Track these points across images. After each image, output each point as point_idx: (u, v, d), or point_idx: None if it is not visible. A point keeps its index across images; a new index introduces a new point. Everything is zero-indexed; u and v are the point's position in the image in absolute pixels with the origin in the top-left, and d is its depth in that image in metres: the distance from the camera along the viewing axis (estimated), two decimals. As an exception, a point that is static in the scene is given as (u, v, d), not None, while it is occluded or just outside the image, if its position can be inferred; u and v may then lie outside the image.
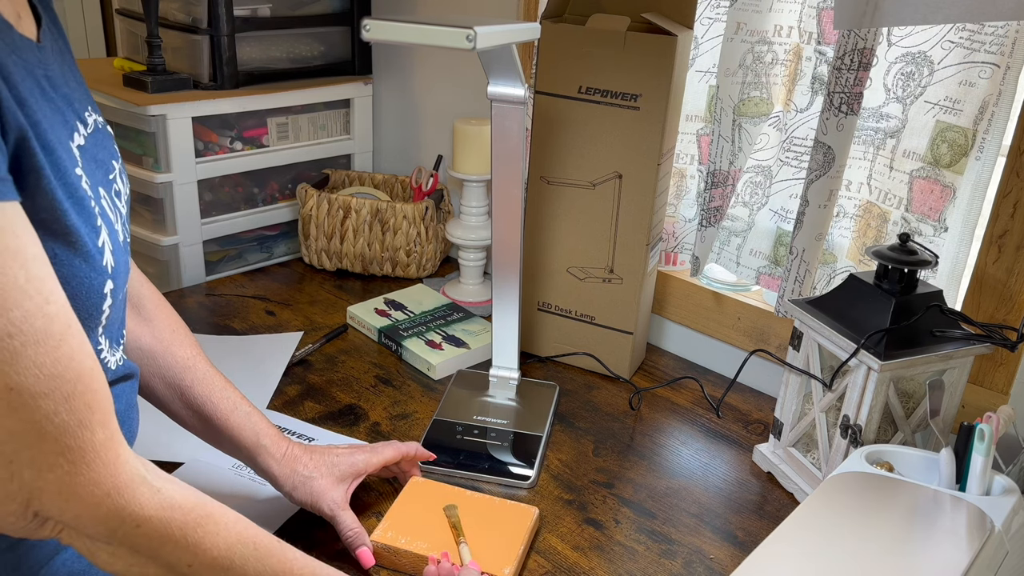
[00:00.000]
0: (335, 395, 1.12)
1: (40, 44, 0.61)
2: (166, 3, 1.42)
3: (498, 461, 0.98)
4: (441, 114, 1.55)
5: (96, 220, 0.59)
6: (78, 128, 0.62)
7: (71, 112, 0.62)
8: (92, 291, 0.59)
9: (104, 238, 0.60)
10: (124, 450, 0.55)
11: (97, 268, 0.59)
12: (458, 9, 1.44)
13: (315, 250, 1.48)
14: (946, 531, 0.70)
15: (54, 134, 0.56)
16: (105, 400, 0.53)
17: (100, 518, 0.54)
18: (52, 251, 0.55)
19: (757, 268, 1.19)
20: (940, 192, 0.96)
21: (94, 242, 0.58)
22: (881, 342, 0.84)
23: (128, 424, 0.71)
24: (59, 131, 0.58)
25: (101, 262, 0.59)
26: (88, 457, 0.52)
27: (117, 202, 0.66)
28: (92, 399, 0.52)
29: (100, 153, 0.65)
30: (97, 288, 0.59)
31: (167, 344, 0.82)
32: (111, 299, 0.61)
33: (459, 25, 0.79)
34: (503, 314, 1.09)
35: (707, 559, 0.87)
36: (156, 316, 0.83)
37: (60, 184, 0.55)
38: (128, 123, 1.36)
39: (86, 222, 0.58)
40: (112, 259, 0.61)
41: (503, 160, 1.00)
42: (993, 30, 0.89)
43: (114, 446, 0.54)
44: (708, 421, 1.12)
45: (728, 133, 1.11)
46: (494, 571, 0.80)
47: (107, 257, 0.60)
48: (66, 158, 0.57)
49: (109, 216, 0.63)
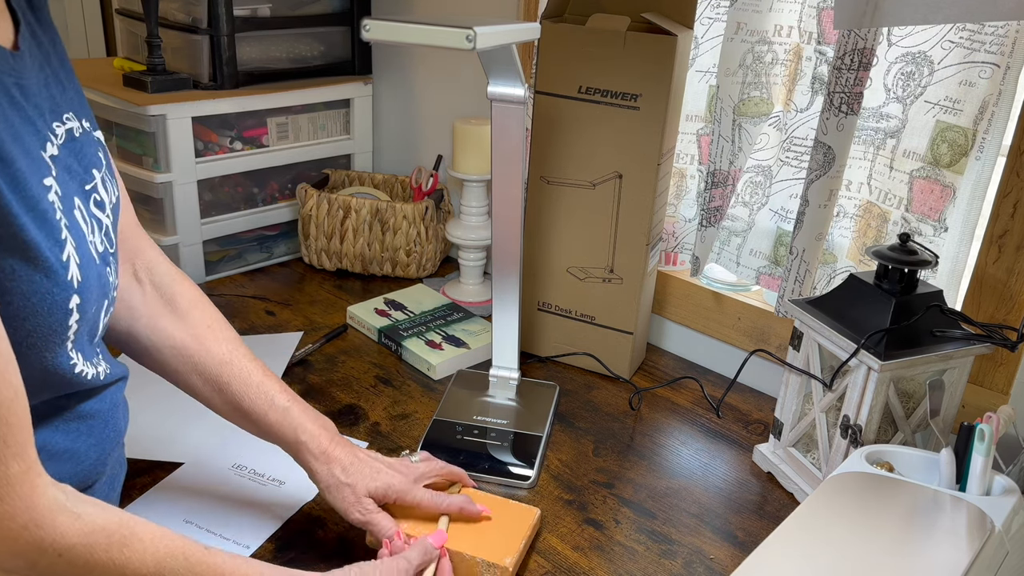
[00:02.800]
0: (335, 395, 1.12)
1: (16, 51, 0.59)
2: (166, 3, 1.42)
3: (498, 461, 0.98)
4: (441, 114, 1.55)
5: (60, 234, 0.58)
6: (51, 138, 0.61)
7: (43, 121, 0.60)
8: (55, 307, 0.57)
9: (70, 252, 0.58)
10: (41, 480, 0.53)
11: (60, 283, 0.57)
12: (458, 9, 1.44)
13: (315, 250, 1.48)
14: (946, 531, 0.70)
15: (18, 145, 0.55)
16: (21, 432, 0.52)
17: (17, 552, 0.52)
18: (10, 267, 0.54)
19: (757, 268, 1.19)
20: (940, 192, 0.96)
21: (57, 257, 0.57)
22: (881, 342, 0.84)
23: (113, 422, 0.71)
24: (26, 141, 0.56)
25: (65, 277, 0.58)
26: (1, 492, 0.50)
27: (98, 213, 0.65)
28: (6, 432, 0.50)
29: (77, 162, 0.64)
30: (60, 304, 0.58)
31: (203, 340, 0.81)
32: (78, 314, 0.60)
33: (459, 25, 0.79)
34: (503, 314, 1.09)
35: (707, 559, 0.87)
36: (191, 313, 0.81)
37: (17, 198, 0.54)
38: (128, 123, 1.36)
39: (48, 236, 0.56)
40: (79, 273, 0.59)
41: (503, 160, 1.00)
42: (993, 30, 0.89)
43: (30, 478, 0.52)
44: (708, 421, 1.12)
45: (728, 133, 1.11)
46: (496, 559, 0.79)
47: (72, 271, 0.59)
48: (29, 169, 0.55)
49: (81, 228, 0.61)
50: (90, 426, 0.67)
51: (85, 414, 0.67)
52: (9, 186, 0.53)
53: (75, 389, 0.65)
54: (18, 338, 0.55)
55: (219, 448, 0.98)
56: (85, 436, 0.67)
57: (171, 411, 1.04)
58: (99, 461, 0.69)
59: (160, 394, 1.08)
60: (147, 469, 0.93)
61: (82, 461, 0.67)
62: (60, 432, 0.65)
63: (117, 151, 1.41)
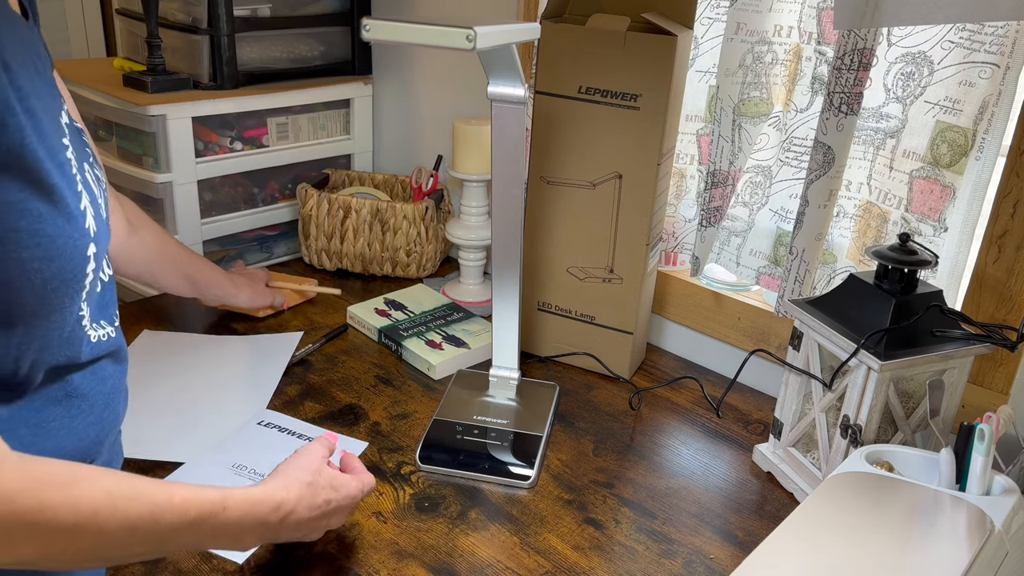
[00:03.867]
0: (335, 395, 1.12)
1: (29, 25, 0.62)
2: (166, 3, 1.42)
3: (498, 461, 0.98)
4: (441, 114, 1.55)
5: (78, 186, 0.61)
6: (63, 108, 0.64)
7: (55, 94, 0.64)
8: (76, 252, 0.60)
9: (86, 203, 0.62)
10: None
11: (80, 229, 0.60)
12: (458, 9, 1.44)
13: (315, 250, 1.48)
14: (946, 531, 0.70)
15: (41, 103, 0.58)
16: None
17: None
18: (38, 210, 0.57)
19: (757, 268, 1.19)
20: (940, 192, 0.96)
21: (76, 205, 0.60)
22: (881, 342, 0.84)
23: (112, 407, 0.71)
24: (48, 103, 0.60)
25: (83, 224, 0.61)
26: None
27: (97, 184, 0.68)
28: None
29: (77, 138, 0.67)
30: (80, 249, 0.61)
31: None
32: (94, 263, 0.63)
33: (459, 25, 0.79)
34: (503, 314, 1.09)
35: (707, 559, 0.87)
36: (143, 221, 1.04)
37: (42, 147, 0.57)
38: (128, 123, 1.36)
39: (68, 185, 0.59)
40: (95, 224, 0.63)
41: (503, 160, 1.00)
42: (993, 30, 0.89)
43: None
44: (708, 421, 1.12)
45: (728, 133, 1.11)
46: None
47: (89, 221, 0.62)
48: (51, 127, 0.59)
49: (92, 188, 0.65)
50: (91, 404, 0.68)
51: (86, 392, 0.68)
52: (36, 134, 0.56)
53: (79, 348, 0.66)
54: (44, 279, 0.58)
55: (219, 448, 0.98)
56: (86, 414, 0.68)
57: (171, 411, 1.04)
58: (97, 441, 0.70)
59: (160, 394, 1.08)
60: (147, 469, 0.93)
61: (81, 439, 0.68)
62: (61, 406, 0.66)
63: (117, 151, 1.41)
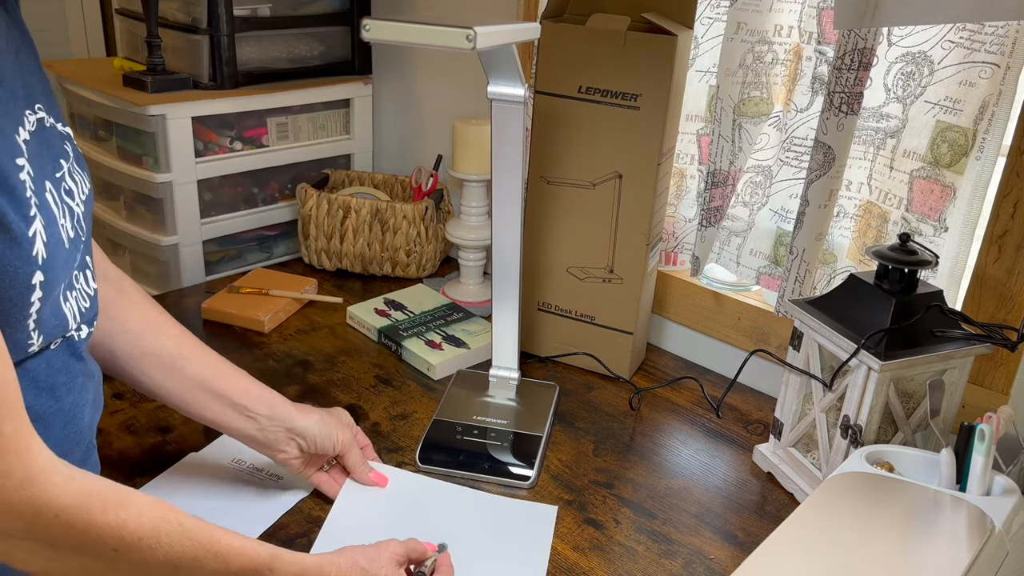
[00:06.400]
0: (335, 395, 1.12)
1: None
2: (166, 3, 1.42)
3: (498, 461, 0.98)
4: (441, 114, 1.55)
5: (29, 211, 0.59)
6: (24, 123, 0.62)
7: (17, 107, 0.61)
8: (17, 279, 0.58)
9: (37, 228, 0.59)
10: (35, 441, 0.54)
11: (24, 257, 0.58)
12: (458, 9, 1.44)
13: (315, 250, 1.48)
14: (946, 531, 0.70)
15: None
16: (8, 393, 0.53)
17: (13, 512, 0.53)
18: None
19: (757, 268, 1.19)
20: (940, 192, 0.96)
21: (22, 230, 0.58)
22: (881, 342, 0.84)
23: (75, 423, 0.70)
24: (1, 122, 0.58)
25: (30, 252, 0.58)
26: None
27: (68, 200, 0.66)
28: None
29: (47, 150, 0.65)
30: (23, 277, 0.58)
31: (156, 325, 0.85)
32: (41, 291, 0.60)
33: (459, 25, 0.79)
34: (503, 314, 1.09)
35: (707, 559, 0.87)
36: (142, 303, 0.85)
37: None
38: (128, 123, 1.36)
39: (15, 210, 0.57)
40: (45, 251, 0.60)
41: (503, 160, 1.00)
42: (993, 30, 0.89)
43: (24, 437, 0.53)
44: (708, 421, 1.12)
45: (728, 133, 1.11)
46: None
47: (38, 248, 0.59)
48: (2, 148, 0.57)
49: (52, 211, 0.62)
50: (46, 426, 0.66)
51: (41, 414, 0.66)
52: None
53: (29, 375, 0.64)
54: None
55: (219, 443, 0.98)
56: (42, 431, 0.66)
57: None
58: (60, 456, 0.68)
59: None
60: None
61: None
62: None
63: (117, 151, 1.41)
